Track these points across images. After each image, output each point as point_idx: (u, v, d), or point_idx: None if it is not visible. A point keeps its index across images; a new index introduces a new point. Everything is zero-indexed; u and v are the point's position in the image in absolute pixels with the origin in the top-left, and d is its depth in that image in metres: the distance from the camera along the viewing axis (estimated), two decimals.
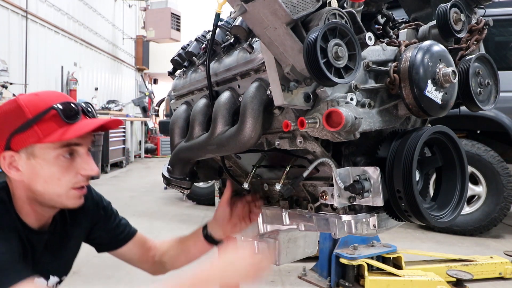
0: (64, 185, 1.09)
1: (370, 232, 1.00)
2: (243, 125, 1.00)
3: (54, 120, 1.05)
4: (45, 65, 7.92)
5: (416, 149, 0.89)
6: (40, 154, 1.06)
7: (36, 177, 1.07)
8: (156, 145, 13.13)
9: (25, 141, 1.05)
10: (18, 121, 1.05)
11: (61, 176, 1.08)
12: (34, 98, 1.09)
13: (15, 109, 1.06)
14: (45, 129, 1.04)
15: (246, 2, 0.82)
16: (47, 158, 1.06)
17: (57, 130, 1.05)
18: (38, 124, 1.04)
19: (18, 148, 1.06)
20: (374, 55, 0.99)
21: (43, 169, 1.06)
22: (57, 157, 1.07)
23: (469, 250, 3.76)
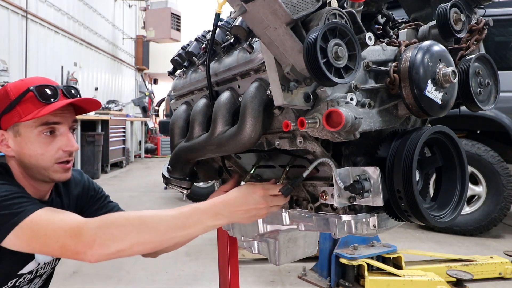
0: (47, 160, 1.21)
1: (370, 232, 1.00)
2: (243, 125, 1.00)
3: (32, 101, 1.18)
4: (45, 65, 7.91)
5: (416, 149, 0.89)
6: (24, 132, 1.19)
7: (23, 153, 1.20)
8: (156, 145, 13.13)
9: (10, 120, 1.19)
10: (4, 103, 1.19)
11: (44, 152, 1.20)
12: (19, 83, 1.23)
13: (3, 94, 1.21)
14: (25, 109, 1.18)
15: (246, 2, 0.82)
16: (29, 136, 1.19)
17: (36, 110, 1.17)
18: (20, 105, 1.18)
19: (6, 126, 1.20)
20: (374, 55, 0.99)
21: (27, 145, 1.19)
22: (38, 134, 1.19)
23: (469, 250, 3.76)
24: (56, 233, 0.99)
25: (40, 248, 1.02)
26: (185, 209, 1.04)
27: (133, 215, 1.02)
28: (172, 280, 3.03)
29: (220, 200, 1.05)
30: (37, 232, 1.01)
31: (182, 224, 1.01)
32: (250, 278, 3.04)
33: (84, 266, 3.19)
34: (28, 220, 1.01)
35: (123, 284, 2.96)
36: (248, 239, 1.43)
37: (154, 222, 1.00)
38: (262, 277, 3.07)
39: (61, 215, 1.05)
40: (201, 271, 3.22)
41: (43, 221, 1.02)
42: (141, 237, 0.98)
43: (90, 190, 1.46)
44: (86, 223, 0.99)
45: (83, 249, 0.96)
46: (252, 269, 3.19)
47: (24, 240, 1.01)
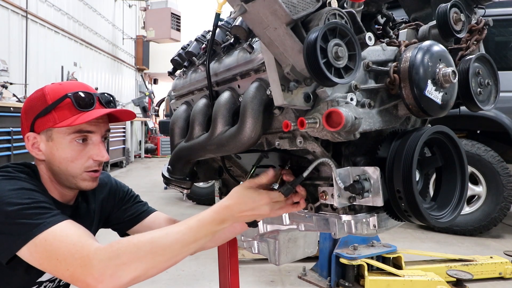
0: (77, 168, 1.20)
1: (370, 232, 1.00)
2: (243, 125, 1.00)
3: (69, 107, 1.17)
4: (45, 65, 7.91)
5: (416, 149, 0.89)
6: (56, 137, 1.18)
7: (53, 158, 1.19)
8: (156, 145, 13.13)
9: (44, 124, 1.18)
10: (40, 107, 1.18)
11: (74, 159, 1.19)
12: (57, 87, 1.21)
13: (40, 96, 1.20)
14: (60, 115, 1.17)
15: (246, 2, 0.82)
16: (62, 142, 1.18)
17: (71, 117, 1.16)
18: (56, 110, 1.17)
19: (39, 130, 1.19)
20: (374, 55, 0.99)
21: (58, 151, 1.18)
22: (71, 141, 1.18)
23: (469, 250, 3.76)
24: (67, 260, 0.96)
25: (51, 271, 1.00)
26: (191, 222, 1.02)
27: (143, 239, 0.98)
28: (172, 280, 3.03)
29: (225, 206, 1.04)
30: (49, 253, 0.97)
31: (193, 238, 1.00)
32: (250, 278, 3.04)
33: None
34: (43, 236, 0.98)
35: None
36: (248, 239, 1.43)
37: (165, 243, 0.98)
38: (262, 277, 3.07)
39: (75, 237, 0.99)
40: (201, 271, 3.22)
41: (56, 241, 0.98)
42: (155, 260, 0.96)
43: (118, 192, 1.44)
44: (96, 253, 0.95)
45: (93, 282, 0.92)
46: (252, 269, 3.18)
47: (37, 258, 0.99)
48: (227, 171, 1.31)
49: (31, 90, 6.99)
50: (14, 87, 6.09)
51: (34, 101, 1.20)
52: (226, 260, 1.69)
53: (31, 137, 1.20)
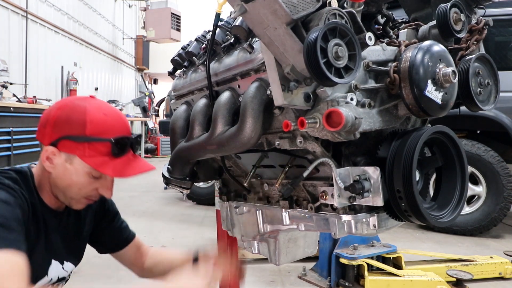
0: (80, 194, 1.21)
1: (370, 232, 1.00)
2: (243, 125, 1.00)
3: (104, 149, 1.16)
4: (45, 65, 7.92)
5: (416, 149, 0.89)
6: (77, 164, 1.16)
7: (63, 178, 1.17)
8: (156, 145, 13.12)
9: (71, 149, 1.14)
10: (76, 131, 1.14)
11: (82, 188, 1.19)
12: (102, 118, 1.17)
13: (80, 118, 1.14)
14: (92, 151, 1.14)
15: (246, 2, 0.82)
16: (80, 170, 1.16)
17: (101, 158, 1.15)
18: (90, 145, 1.14)
19: (63, 150, 1.15)
20: (374, 55, 0.99)
21: (72, 176, 1.17)
22: (88, 173, 1.17)
23: (469, 250, 3.76)
24: None
25: None
26: None
27: None
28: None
29: None
30: None
31: None
32: (250, 278, 3.04)
33: (84, 266, 3.19)
34: None
35: (123, 284, 2.96)
36: (248, 239, 1.43)
37: None
38: (262, 277, 3.07)
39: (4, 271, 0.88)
40: None
41: None
42: None
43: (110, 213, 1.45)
44: None
45: None
46: (252, 269, 3.18)
47: None
48: (227, 171, 1.31)
49: (31, 90, 7.00)
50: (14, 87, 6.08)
51: (71, 119, 1.14)
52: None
53: (50, 151, 1.16)
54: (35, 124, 4.89)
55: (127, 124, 1.25)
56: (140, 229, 1.53)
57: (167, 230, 4.26)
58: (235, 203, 1.42)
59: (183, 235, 4.06)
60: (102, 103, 1.24)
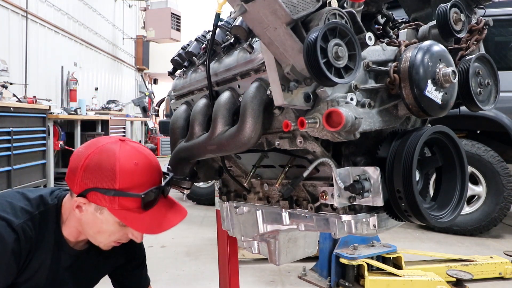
0: (110, 240, 1.21)
1: (370, 232, 1.00)
2: (243, 125, 1.00)
3: (134, 203, 1.13)
4: (45, 65, 7.91)
5: (416, 149, 0.89)
6: (107, 215, 1.15)
7: (93, 226, 1.17)
8: (156, 145, 13.12)
9: (101, 201, 1.13)
10: (106, 183, 1.11)
11: (111, 235, 1.19)
12: (132, 169, 1.14)
13: (110, 170, 1.12)
14: (122, 205, 1.12)
15: (246, 2, 0.82)
16: (110, 220, 1.15)
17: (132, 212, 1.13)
18: (120, 198, 1.12)
19: (92, 200, 1.14)
20: (374, 55, 0.99)
21: (102, 225, 1.17)
22: (118, 223, 1.16)
23: (469, 250, 3.76)
24: None
25: None
26: None
27: None
28: (172, 280, 3.02)
29: None
30: None
31: None
32: (250, 278, 3.04)
33: None
34: None
35: None
36: (248, 239, 1.43)
37: None
38: (262, 277, 3.07)
39: None
40: (201, 271, 3.21)
41: None
42: None
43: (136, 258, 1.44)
44: None
45: None
46: (252, 269, 3.18)
47: None
48: (227, 171, 1.31)
49: (31, 90, 6.99)
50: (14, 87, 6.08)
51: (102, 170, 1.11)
52: (226, 260, 1.69)
53: (80, 202, 1.14)
54: (35, 124, 4.91)
55: (157, 170, 1.21)
56: None
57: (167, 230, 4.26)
58: (235, 203, 1.42)
59: (183, 235, 4.06)
60: (133, 149, 1.18)
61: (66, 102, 8.49)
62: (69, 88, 8.62)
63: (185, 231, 4.25)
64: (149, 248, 3.70)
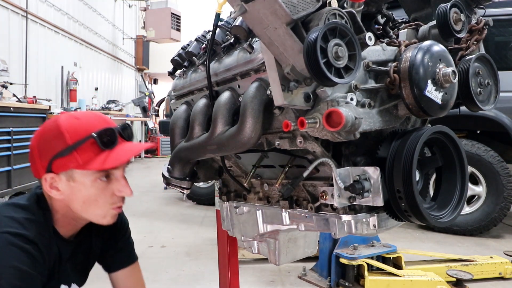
0: (102, 206, 1.16)
1: (370, 232, 1.00)
2: (243, 125, 1.00)
3: (93, 147, 1.11)
4: (45, 65, 7.91)
5: (416, 149, 0.89)
6: (79, 177, 1.12)
7: (75, 198, 1.14)
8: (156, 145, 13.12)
9: (65, 165, 1.11)
10: (59, 146, 1.10)
11: (98, 198, 1.15)
12: (75, 122, 1.13)
13: (56, 134, 1.11)
14: (84, 156, 1.10)
15: (246, 2, 0.82)
16: (85, 182, 1.12)
17: (96, 158, 1.10)
18: (78, 151, 1.10)
19: (59, 171, 1.12)
20: (374, 55, 0.99)
21: (82, 192, 1.13)
22: (94, 180, 1.13)
23: (469, 250, 3.76)
24: None
25: None
26: None
27: None
28: (172, 280, 3.02)
29: None
30: None
31: None
32: (250, 278, 3.04)
33: None
34: None
35: None
36: (248, 239, 1.43)
37: None
38: (262, 277, 3.07)
39: None
40: (201, 271, 3.21)
41: None
42: None
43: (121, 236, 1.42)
44: None
45: None
46: (252, 269, 3.18)
47: None
48: (227, 171, 1.31)
49: (31, 90, 7.00)
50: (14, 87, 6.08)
51: (50, 138, 1.12)
52: (226, 260, 1.69)
53: (49, 178, 1.13)
54: (35, 124, 4.90)
55: (105, 118, 1.20)
56: (140, 229, 1.52)
57: (167, 230, 4.26)
58: (235, 203, 1.42)
59: (183, 235, 4.06)
60: (72, 112, 1.20)
61: (66, 102, 8.49)
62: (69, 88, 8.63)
63: (185, 231, 4.25)
64: (149, 248, 3.71)
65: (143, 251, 3.65)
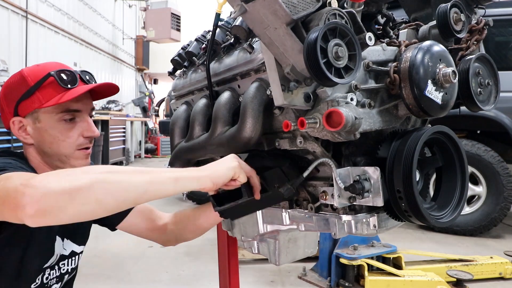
0: (68, 146, 1.20)
1: (370, 232, 1.00)
2: (243, 125, 1.00)
3: (53, 86, 1.17)
4: None
5: (416, 149, 0.89)
6: (44, 118, 1.17)
7: (43, 140, 1.18)
8: (156, 145, 13.13)
9: (29, 107, 1.16)
10: (22, 89, 1.17)
11: (64, 138, 1.18)
12: (35, 68, 1.21)
13: (19, 79, 1.19)
14: (45, 94, 1.16)
15: (246, 2, 0.82)
16: (50, 122, 1.17)
17: (56, 96, 1.16)
18: (39, 91, 1.16)
19: (25, 113, 1.18)
20: (374, 55, 0.99)
21: (47, 132, 1.18)
22: (59, 120, 1.18)
23: (469, 250, 3.76)
24: None
25: None
26: None
27: None
28: (172, 280, 3.03)
29: None
30: None
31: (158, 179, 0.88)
32: (250, 278, 3.04)
33: (84, 267, 3.19)
34: None
35: (123, 284, 2.96)
36: (248, 239, 1.43)
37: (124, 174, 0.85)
38: (262, 277, 3.07)
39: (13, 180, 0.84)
40: (201, 271, 3.22)
41: None
42: None
43: None
44: None
45: None
46: (252, 269, 3.19)
47: None
48: None
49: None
50: None
51: (14, 84, 1.19)
52: (226, 260, 1.69)
53: (17, 121, 1.19)
54: None
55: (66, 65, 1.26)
56: None
57: None
58: None
59: None
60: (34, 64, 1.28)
61: None
62: None
63: None
64: (149, 248, 3.71)
65: (143, 251, 3.66)
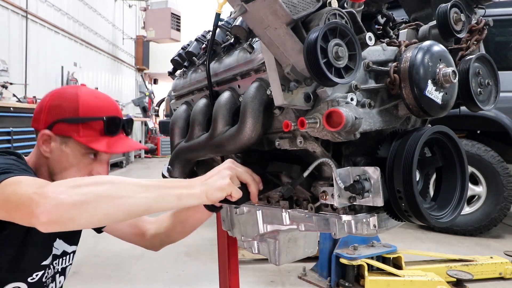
0: (75, 174, 1.22)
1: (370, 232, 1.00)
2: (243, 125, 1.00)
3: (97, 128, 1.22)
4: (45, 65, 7.92)
5: (416, 149, 0.89)
6: (72, 146, 1.21)
7: (60, 161, 1.22)
8: (156, 145, 13.13)
9: (66, 131, 1.20)
10: (69, 113, 1.20)
11: (78, 171, 1.22)
12: (93, 102, 1.24)
13: (72, 101, 1.21)
14: (86, 130, 1.21)
15: (246, 2, 0.82)
16: (75, 152, 1.21)
17: (95, 137, 1.21)
18: (84, 125, 1.21)
19: (58, 132, 1.21)
20: (374, 55, 0.99)
21: (68, 158, 1.21)
22: (84, 154, 1.22)
23: (469, 250, 3.76)
24: None
25: None
26: None
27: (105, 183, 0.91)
28: (172, 280, 3.03)
29: None
30: None
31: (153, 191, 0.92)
32: (250, 278, 3.04)
33: (84, 266, 3.19)
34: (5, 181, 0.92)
35: (123, 284, 2.96)
36: (248, 239, 1.43)
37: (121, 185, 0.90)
38: (262, 277, 3.07)
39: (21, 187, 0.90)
40: (201, 271, 3.22)
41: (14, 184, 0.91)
42: None
43: None
44: None
45: None
46: (252, 269, 3.19)
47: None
48: None
49: (31, 90, 7.00)
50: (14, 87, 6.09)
51: (65, 103, 1.21)
52: (226, 260, 1.69)
53: (46, 135, 1.21)
54: None
55: (118, 107, 1.31)
56: None
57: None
58: None
59: None
60: (93, 90, 1.32)
61: None
62: None
63: None
64: None
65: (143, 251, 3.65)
